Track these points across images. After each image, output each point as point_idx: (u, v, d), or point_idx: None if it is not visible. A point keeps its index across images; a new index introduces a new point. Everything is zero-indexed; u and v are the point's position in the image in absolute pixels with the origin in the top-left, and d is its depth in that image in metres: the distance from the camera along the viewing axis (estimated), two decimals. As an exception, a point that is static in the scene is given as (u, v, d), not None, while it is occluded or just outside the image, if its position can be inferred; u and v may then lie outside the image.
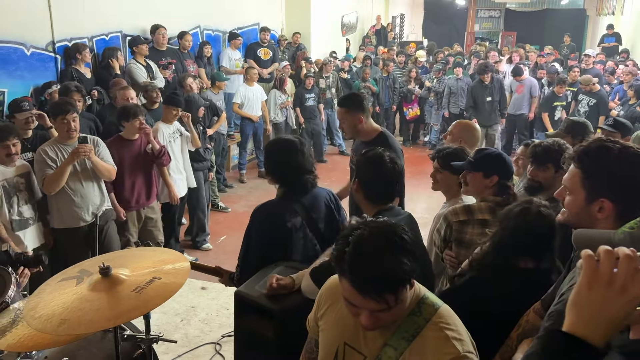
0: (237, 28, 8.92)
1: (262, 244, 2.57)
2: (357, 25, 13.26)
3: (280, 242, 2.56)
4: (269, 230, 2.57)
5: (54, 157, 3.82)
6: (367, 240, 1.36)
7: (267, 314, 2.21)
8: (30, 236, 3.87)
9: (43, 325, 1.79)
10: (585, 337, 0.92)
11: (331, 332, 1.62)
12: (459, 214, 2.60)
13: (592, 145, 1.50)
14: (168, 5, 7.24)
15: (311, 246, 2.61)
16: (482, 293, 2.04)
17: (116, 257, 2.17)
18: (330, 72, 9.36)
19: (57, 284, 2.00)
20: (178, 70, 6.97)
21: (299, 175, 2.61)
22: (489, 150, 2.75)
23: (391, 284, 1.34)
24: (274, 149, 2.75)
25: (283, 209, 2.60)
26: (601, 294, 0.92)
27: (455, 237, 2.61)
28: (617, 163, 1.42)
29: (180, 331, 4.09)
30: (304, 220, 2.59)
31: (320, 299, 1.71)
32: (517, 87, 8.92)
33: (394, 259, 1.34)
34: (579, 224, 1.52)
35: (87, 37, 6.08)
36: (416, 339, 1.44)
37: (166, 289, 1.91)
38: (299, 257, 2.58)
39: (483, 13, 19.86)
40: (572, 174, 1.52)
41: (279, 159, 2.64)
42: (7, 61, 5.18)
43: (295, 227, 2.57)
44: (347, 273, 1.36)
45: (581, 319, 0.94)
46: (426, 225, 2.83)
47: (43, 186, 3.82)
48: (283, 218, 2.56)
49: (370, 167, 2.34)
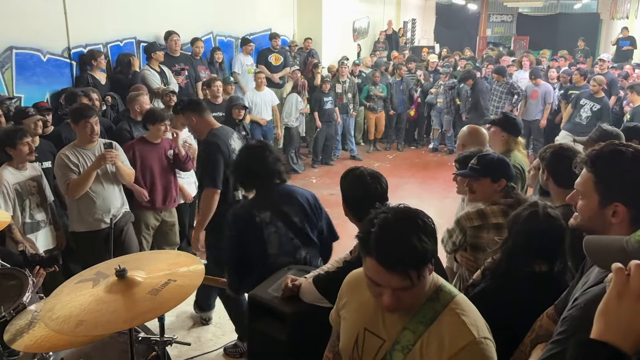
0: (250, 34, 8.99)
1: (236, 244, 2.73)
2: (368, 31, 13.29)
3: (252, 238, 2.69)
4: (239, 229, 2.72)
5: (75, 162, 3.86)
6: (392, 222, 1.45)
7: (280, 317, 2.23)
8: (41, 239, 3.92)
9: (60, 326, 1.81)
10: (614, 344, 0.96)
11: (352, 320, 1.69)
12: (473, 219, 2.59)
13: (604, 149, 1.49)
14: (181, 11, 7.33)
15: (287, 240, 2.72)
16: (498, 301, 2.03)
17: (132, 260, 2.19)
18: (346, 77, 9.38)
19: (74, 286, 2.03)
20: (191, 76, 7.05)
21: (263, 175, 2.77)
22: (491, 155, 2.74)
23: (415, 260, 1.42)
24: (244, 157, 2.90)
25: (250, 206, 2.78)
26: (631, 306, 0.96)
27: (471, 242, 2.61)
28: (630, 166, 1.41)
29: (193, 335, 4.12)
30: (273, 213, 2.71)
31: (342, 293, 1.79)
32: (532, 92, 8.86)
33: (417, 237, 1.42)
34: (593, 228, 1.51)
35: (101, 43, 6.17)
36: (434, 324, 1.50)
37: (181, 291, 1.93)
38: (275, 251, 2.69)
39: (495, 17, 19.78)
40: (585, 178, 1.51)
41: (252, 166, 2.81)
42: (24, 67, 5.28)
43: (265, 222, 2.69)
44: (372, 251, 1.43)
45: (610, 328, 0.98)
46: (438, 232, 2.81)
47: (67, 190, 3.84)
48: (250, 214, 2.71)
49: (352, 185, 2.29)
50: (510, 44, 18.86)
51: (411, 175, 8.91)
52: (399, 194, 7.63)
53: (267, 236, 2.69)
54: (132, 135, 4.80)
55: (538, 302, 1.95)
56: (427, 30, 18.57)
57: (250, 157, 2.85)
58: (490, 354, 1.47)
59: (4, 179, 3.67)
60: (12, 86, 5.20)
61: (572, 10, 18.96)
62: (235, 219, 2.77)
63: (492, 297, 2.10)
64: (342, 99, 9.28)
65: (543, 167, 2.63)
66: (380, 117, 9.93)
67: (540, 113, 8.83)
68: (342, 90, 9.28)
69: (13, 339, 2.16)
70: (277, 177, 2.82)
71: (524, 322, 1.96)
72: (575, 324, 1.41)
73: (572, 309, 1.46)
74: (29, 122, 4.22)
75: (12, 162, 3.76)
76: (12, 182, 3.72)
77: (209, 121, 3.78)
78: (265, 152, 2.83)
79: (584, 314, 1.40)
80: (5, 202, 3.65)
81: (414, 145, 10.76)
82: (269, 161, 2.80)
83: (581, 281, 1.62)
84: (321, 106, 8.82)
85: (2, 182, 3.66)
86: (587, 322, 1.35)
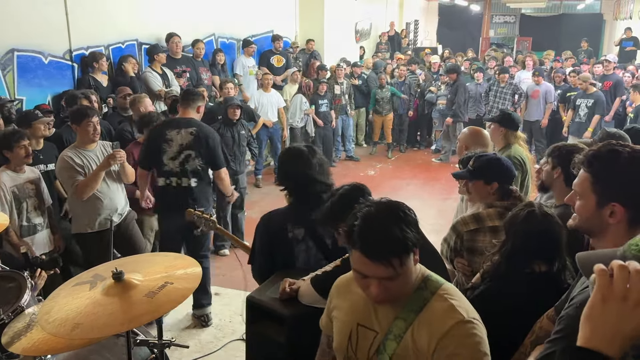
0: (252, 36, 9.00)
1: (266, 252, 2.57)
2: (371, 32, 13.29)
3: (282, 251, 2.53)
4: (270, 239, 2.56)
5: (80, 163, 3.86)
6: (374, 214, 1.50)
7: (278, 319, 2.21)
8: (38, 242, 3.91)
9: (57, 329, 1.81)
10: (601, 351, 0.92)
11: (344, 318, 1.72)
12: (469, 223, 2.58)
13: (602, 149, 1.48)
14: (183, 13, 7.33)
15: (315, 260, 2.51)
16: (498, 303, 2.01)
17: (129, 262, 2.19)
18: (343, 78, 9.38)
19: (71, 289, 2.03)
20: (192, 78, 7.05)
21: (308, 187, 2.53)
22: (487, 157, 2.72)
23: (397, 249, 1.47)
24: (284, 158, 2.73)
25: (286, 218, 2.55)
26: (615, 309, 0.92)
27: (467, 246, 2.59)
28: (628, 166, 1.41)
29: (193, 337, 4.11)
30: (308, 233, 2.51)
31: (331, 296, 1.81)
32: (533, 92, 8.85)
33: (399, 227, 1.47)
34: (590, 229, 1.51)
35: (103, 45, 6.18)
36: (423, 310, 1.55)
37: (178, 294, 1.92)
38: (301, 267, 2.52)
39: (498, 19, 19.77)
40: (582, 179, 1.51)
41: (289, 169, 2.62)
42: (26, 69, 5.29)
43: (297, 239, 2.51)
44: (357, 243, 1.49)
45: (596, 334, 0.94)
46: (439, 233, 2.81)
47: (76, 192, 3.83)
48: (284, 228, 2.51)
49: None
50: (513, 45, 18.82)
51: (413, 177, 8.90)
52: (401, 195, 7.61)
53: (296, 253, 2.53)
54: (133, 136, 4.82)
55: (538, 303, 1.94)
56: (429, 31, 18.57)
57: (288, 160, 2.66)
58: (479, 334, 1.50)
59: (1, 182, 3.66)
60: (13, 88, 5.20)
61: (575, 10, 18.90)
62: (267, 229, 2.58)
63: (492, 299, 2.08)
64: (340, 100, 9.29)
65: (554, 164, 2.60)
66: (387, 120, 9.90)
67: (542, 113, 8.81)
68: (340, 91, 9.29)
69: (11, 342, 2.15)
70: (317, 187, 2.52)
71: (524, 324, 1.95)
72: (571, 323, 1.40)
73: (569, 308, 1.46)
74: (38, 124, 4.24)
75: (9, 165, 3.77)
76: (10, 185, 3.72)
77: (181, 112, 4.25)
78: (305, 157, 2.57)
79: (580, 313, 1.39)
80: (2, 204, 3.65)
81: (415, 147, 10.75)
82: (308, 168, 2.54)
83: (580, 281, 1.61)
84: (316, 108, 8.83)
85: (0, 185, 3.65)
86: None
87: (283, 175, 2.66)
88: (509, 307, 1.97)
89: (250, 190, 7.98)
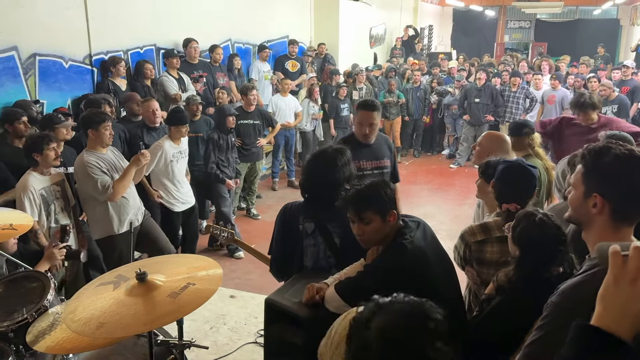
0: (267, 41, 9.06)
1: (279, 239, 2.70)
2: (385, 37, 13.30)
3: (292, 242, 2.63)
4: (284, 228, 2.68)
5: (104, 166, 3.95)
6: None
7: (296, 322, 2.23)
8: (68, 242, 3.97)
9: (82, 328, 1.85)
10: (612, 331, 0.96)
11: None
12: (477, 233, 2.57)
13: (599, 145, 1.53)
14: (200, 19, 7.41)
15: (323, 256, 2.58)
16: (517, 312, 2.01)
17: (152, 263, 2.23)
18: (363, 83, 9.37)
19: (95, 289, 2.07)
20: (209, 83, 7.12)
21: (328, 191, 2.56)
22: (492, 160, 2.84)
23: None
24: (314, 160, 2.72)
25: (300, 211, 2.66)
26: (627, 290, 0.96)
27: (476, 257, 2.57)
28: (616, 161, 1.44)
29: (209, 339, 4.14)
30: (318, 227, 2.58)
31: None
32: (549, 97, 8.80)
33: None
34: (579, 219, 1.54)
35: (122, 50, 6.26)
36: None
37: (200, 295, 1.96)
38: (310, 264, 2.60)
39: (513, 24, 19.69)
40: (577, 171, 1.55)
41: (315, 173, 2.65)
42: (47, 74, 5.37)
43: (306, 232, 2.59)
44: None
45: (607, 313, 0.98)
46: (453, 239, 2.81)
47: (112, 194, 3.91)
48: (296, 219, 2.63)
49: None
50: (528, 50, 18.72)
51: (427, 182, 8.88)
52: (415, 201, 7.61)
53: (305, 246, 2.59)
54: (142, 140, 4.88)
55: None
56: (443, 36, 18.54)
57: (317, 161, 2.68)
58: None
59: (30, 185, 3.72)
60: (35, 92, 5.29)
61: (592, 16, 18.76)
62: (283, 218, 2.67)
63: (509, 309, 2.09)
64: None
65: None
66: (394, 124, 9.86)
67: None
68: (359, 97, 9.29)
69: (35, 340, 2.20)
70: (337, 188, 2.53)
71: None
72: (554, 310, 1.47)
73: (553, 295, 1.51)
74: (61, 128, 4.33)
75: (37, 168, 3.82)
76: (38, 188, 3.77)
77: None
78: (331, 158, 2.61)
79: (562, 300, 1.45)
80: (32, 207, 3.70)
81: (430, 152, 10.73)
82: (335, 169, 2.58)
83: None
84: (338, 113, 8.85)
85: (29, 188, 3.71)
86: (565, 307, 1.42)
87: (306, 180, 2.69)
88: (529, 314, 1.97)
89: (266, 193, 8.03)
